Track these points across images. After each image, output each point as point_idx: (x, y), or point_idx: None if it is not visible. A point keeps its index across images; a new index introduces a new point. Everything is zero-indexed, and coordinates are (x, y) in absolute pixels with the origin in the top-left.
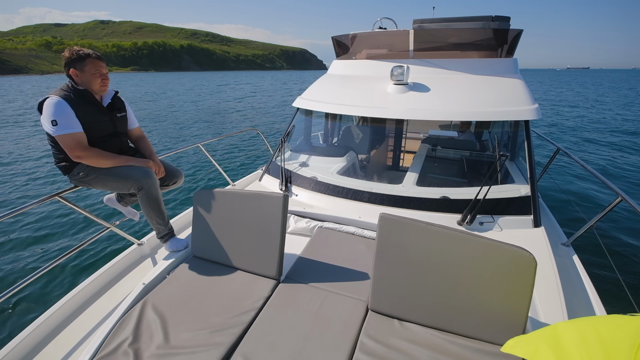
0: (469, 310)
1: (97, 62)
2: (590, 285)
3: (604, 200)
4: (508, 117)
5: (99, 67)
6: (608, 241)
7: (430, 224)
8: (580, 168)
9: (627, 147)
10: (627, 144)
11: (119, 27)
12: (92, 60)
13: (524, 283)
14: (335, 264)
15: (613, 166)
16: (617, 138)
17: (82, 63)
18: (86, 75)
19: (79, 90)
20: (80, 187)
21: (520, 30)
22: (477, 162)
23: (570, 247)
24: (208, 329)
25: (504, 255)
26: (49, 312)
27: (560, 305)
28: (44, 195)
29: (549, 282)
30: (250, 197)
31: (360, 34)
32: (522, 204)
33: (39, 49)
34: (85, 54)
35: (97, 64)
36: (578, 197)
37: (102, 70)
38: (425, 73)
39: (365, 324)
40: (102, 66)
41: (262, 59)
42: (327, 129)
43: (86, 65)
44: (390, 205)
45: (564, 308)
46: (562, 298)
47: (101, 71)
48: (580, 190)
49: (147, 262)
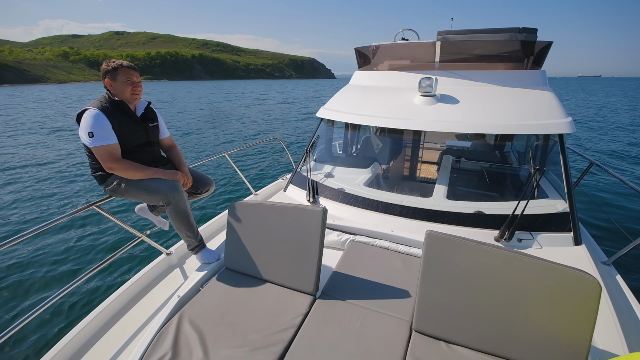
0: (524, 335)
1: (128, 71)
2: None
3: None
4: (543, 130)
5: (130, 76)
6: None
7: (481, 243)
8: (613, 183)
9: None
10: None
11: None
12: (124, 69)
13: (587, 309)
14: (372, 280)
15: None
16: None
17: (115, 72)
18: (118, 84)
19: (115, 101)
20: (113, 197)
21: (549, 42)
22: (506, 175)
23: (612, 267)
24: (248, 346)
25: (564, 278)
26: (83, 323)
27: (617, 331)
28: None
29: (601, 306)
30: (287, 210)
31: (384, 45)
32: (561, 220)
33: (56, 59)
34: (118, 64)
35: (128, 73)
36: (615, 214)
37: (133, 78)
38: (452, 85)
39: (410, 345)
40: (134, 75)
41: (271, 68)
42: (347, 139)
43: (118, 74)
44: (423, 220)
45: (620, 333)
46: (617, 323)
47: (132, 79)
48: (617, 206)
49: (176, 272)
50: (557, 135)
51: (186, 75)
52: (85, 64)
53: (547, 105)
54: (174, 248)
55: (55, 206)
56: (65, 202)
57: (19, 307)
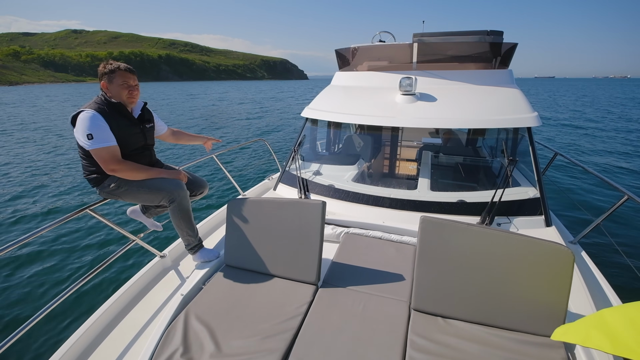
0: (512, 304)
1: (125, 74)
2: (603, 278)
3: (605, 201)
4: (514, 124)
5: (126, 79)
6: (616, 239)
7: (470, 225)
8: (575, 171)
9: (622, 150)
10: (618, 147)
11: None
12: (121, 72)
13: (564, 276)
14: (369, 267)
15: (608, 169)
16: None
17: (111, 75)
18: (115, 86)
19: (112, 103)
20: (107, 200)
21: (514, 43)
22: (482, 167)
23: (578, 245)
24: (258, 335)
25: (543, 251)
26: (85, 325)
27: (587, 297)
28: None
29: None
30: (288, 205)
31: (363, 46)
32: (533, 205)
33: (5, 58)
34: (116, 66)
35: (125, 76)
36: (578, 199)
37: (129, 82)
38: (429, 84)
39: (411, 322)
40: (131, 78)
41: (242, 69)
42: (330, 137)
43: (115, 77)
44: (410, 210)
45: (589, 299)
46: (586, 290)
47: (129, 82)
48: (579, 191)
49: (172, 274)
50: (526, 128)
51: (153, 76)
52: (39, 64)
53: (516, 101)
54: (168, 250)
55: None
56: (54, 206)
57: (17, 315)
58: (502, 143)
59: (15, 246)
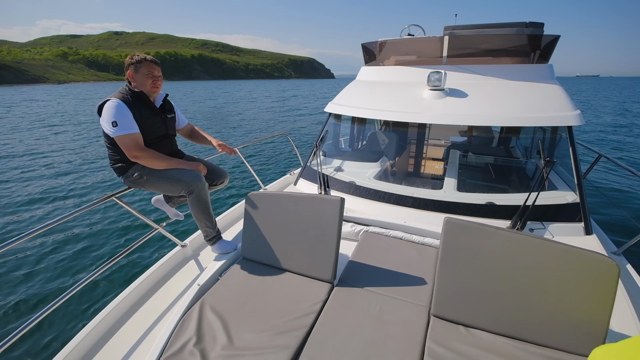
0: (544, 317)
1: (150, 64)
2: None
3: None
4: (553, 122)
5: (151, 69)
6: None
7: (499, 229)
8: (620, 176)
9: None
10: None
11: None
12: (147, 63)
13: (607, 290)
14: (388, 269)
15: None
16: None
17: (138, 65)
18: (140, 76)
19: (135, 92)
20: (132, 189)
21: (556, 36)
22: (514, 167)
23: (622, 257)
24: (271, 331)
25: (583, 261)
26: (104, 312)
27: (632, 315)
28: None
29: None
30: (305, 200)
31: (390, 40)
32: (571, 211)
33: (55, 59)
34: (142, 57)
35: (150, 67)
36: (623, 205)
37: (154, 72)
38: (459, 79)
39: (430, 329)
40: (156, 69)
41: (270, 68)
42: (354, 134)
43: (142, 67)
44: (434, 210)
45: (635, 317)
46: (631, 307)
47: (153, 73)
48: (624, 198)
49: (192, 263)
50: (566, 127)
51: (185, 76)
52: (84, 64)
53: (556, 98)
54: (189, 240)
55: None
56: (82, 195)
57: (42, 297)
58: (537, 143)
59: (45, 229)
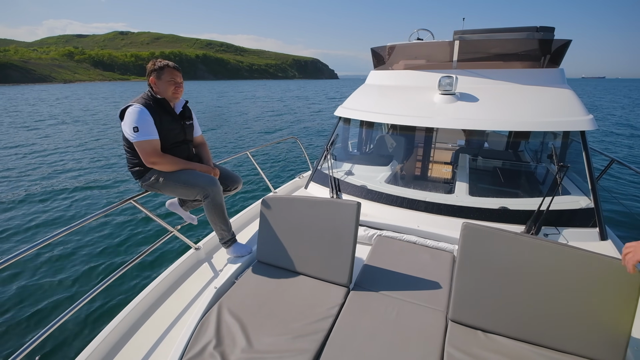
0: (565, 323)
1: (173, 71)
2: None
3: None
4: (565, 127)
5: (174, 76)
6: None
7: (518, 234)
8: (633, 181)
9: None
10: None
11: (137, 37)
12: (169, 69)
13: (628, 297)
14: (403, 273)
15: None
16: None
17: (160, 72)
18: (162, 82)
19: (158, 99)
20: (148, 192)
21: (567, 40)
22: (527, 172)
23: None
24: (289, 334)
25: (604, 267)
26: (122, 314)
27: None
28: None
29: None
30: (321, 204)
31: (399, 44)
32: (586, 216)
33: (61, 58)
34: (165, 64)
35: (173, 73)
36: (638, 211)
37: (176, 79)
38: (470, 83)
39: (448, 334)
40: (178, 75)
41: (274, 69)
42: (362, 137)
43: (164, 73)
44: (447, 215)
45: None
46: None
47: (175, 80)
48: (639, 203)
49: (206, 266)
50: (579, 132)
51: (190, 75)
52: (90, 64)
53: (568, 102)
54: (202, 243)
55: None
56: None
57: (64, 299)
58: (548, 148)
59: (66, 232)
